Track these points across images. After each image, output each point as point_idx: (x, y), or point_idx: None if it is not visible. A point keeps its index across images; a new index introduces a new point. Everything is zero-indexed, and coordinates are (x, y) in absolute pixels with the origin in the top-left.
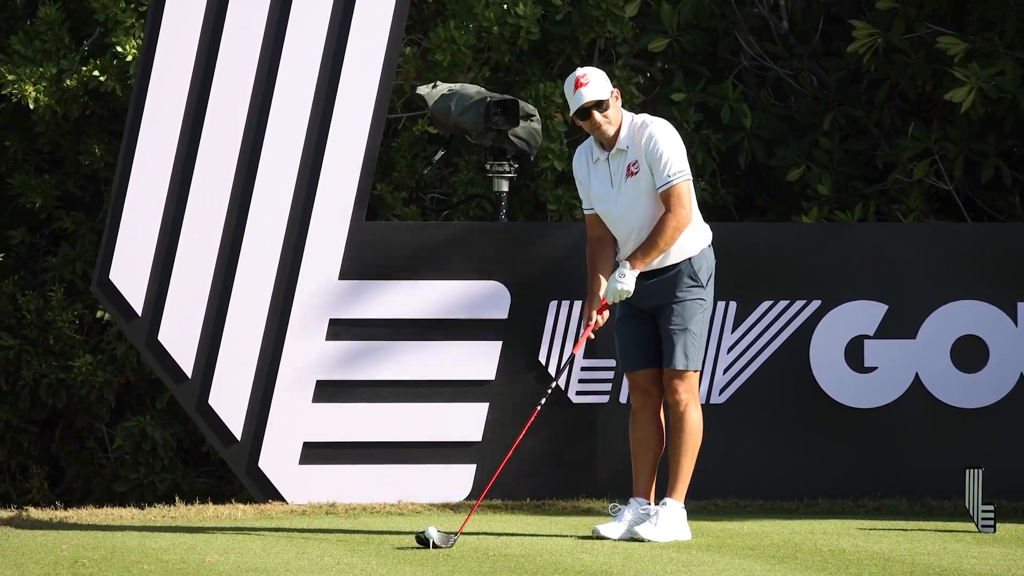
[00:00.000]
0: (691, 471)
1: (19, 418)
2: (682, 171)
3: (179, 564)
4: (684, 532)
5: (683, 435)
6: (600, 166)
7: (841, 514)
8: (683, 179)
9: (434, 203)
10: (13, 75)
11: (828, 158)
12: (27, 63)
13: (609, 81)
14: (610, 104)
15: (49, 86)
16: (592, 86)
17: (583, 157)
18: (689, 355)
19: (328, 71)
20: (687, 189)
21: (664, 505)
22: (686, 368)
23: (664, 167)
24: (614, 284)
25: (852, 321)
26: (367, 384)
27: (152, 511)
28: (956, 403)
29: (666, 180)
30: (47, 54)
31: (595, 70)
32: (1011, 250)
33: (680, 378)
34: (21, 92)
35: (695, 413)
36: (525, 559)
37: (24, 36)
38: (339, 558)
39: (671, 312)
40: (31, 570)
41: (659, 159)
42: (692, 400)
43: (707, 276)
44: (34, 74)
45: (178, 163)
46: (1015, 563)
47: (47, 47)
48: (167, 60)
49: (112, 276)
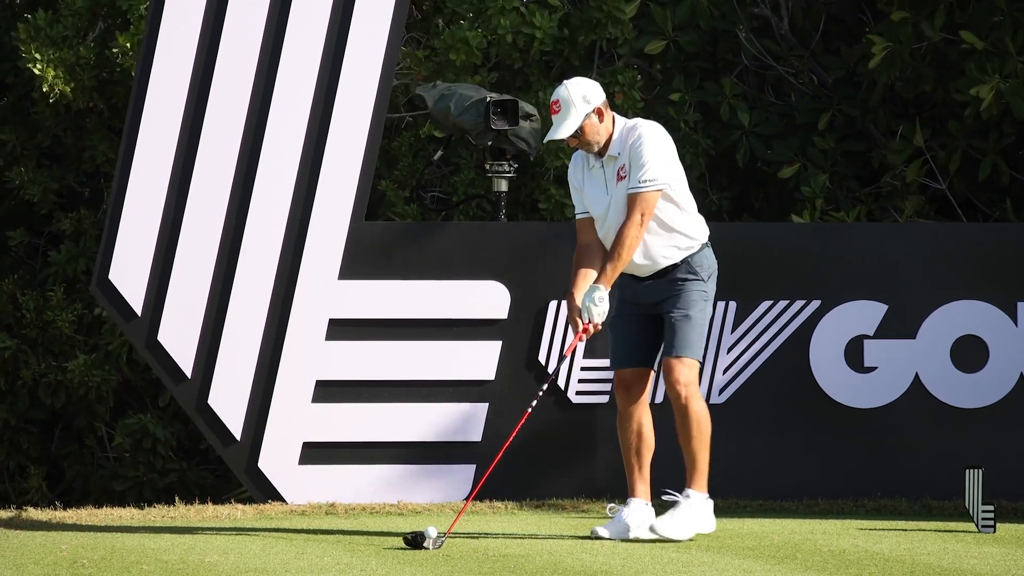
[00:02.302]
0: (707, 459)
1: (18, 418)
2: (656, 179)
3: (178, 564)
4: (708, 523)
5: (690, 426)
6: (595, 172)
7: (841, 514)
8: (653, 188)
9: (434, 201)
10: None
11: (823, 157)
12: (50, 44)
13: (595, 92)
14: (586, 127)
15: (66, 72)
16: (561, 123)
17: (579, 163)
18: (689, 342)
19: (328, 70)
20: (654, 198)
21: (687, 497)
22: (685, 355)
23: (641, 171)
24: (591, 308)
25: (852, 321)
26: (367, 384)
27: (152, 511)
28: (956, 403)
29: (636, 185)
30: (65, 40)
31: (576, 88)
32: (1011, 250)
33: (678, 364)
34: (43, 73)
35: (697, 402)
36: (525, 559)
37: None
38: (338, 558)
39: (673, 301)
40: (30, 570)
41: (639, 162)
42: (693, 389)
43: (708, 273)
44: (55, 58)
45: (178, 162)
46: (1015, 563)
47: (67, 32)
48: (167, 59)
49: (112, 276)
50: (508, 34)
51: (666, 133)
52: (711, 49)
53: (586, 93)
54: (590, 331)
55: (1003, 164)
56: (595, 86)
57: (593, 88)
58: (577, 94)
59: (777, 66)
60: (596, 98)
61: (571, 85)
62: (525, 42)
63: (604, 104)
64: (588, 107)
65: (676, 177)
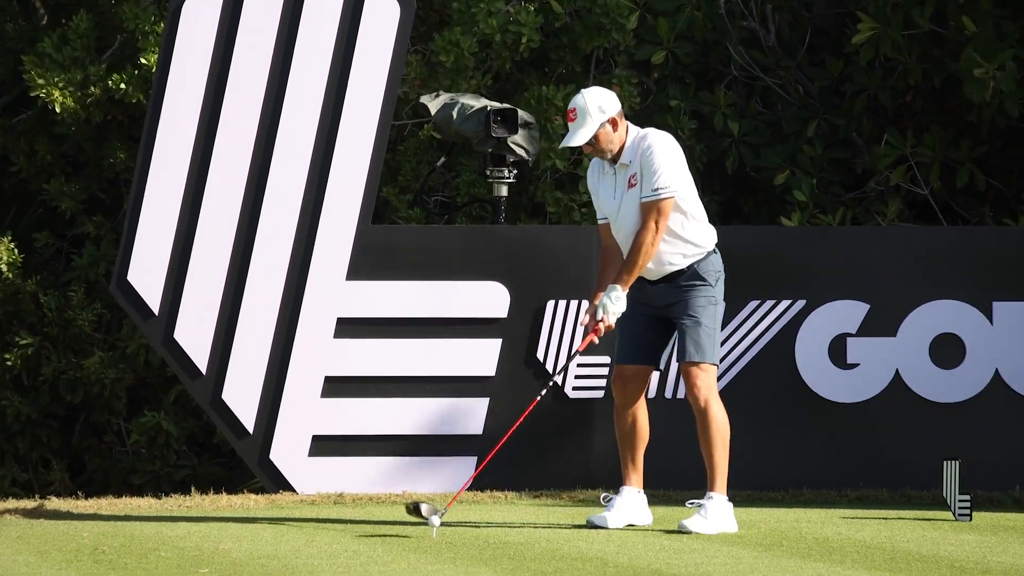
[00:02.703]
0: (726, 462)
1: (39, 412)
2: (667, 187)
3: (194, 551)
4: (731, 524)
5: (710, 430)
6: (608, 179)
7: (825, 504)
8: (666, 195)
9: (437, 206)
10: (43, 79)
11: (811, 164)
12: (56, 68)
13: (611, 102)
14: (600, 136)
15: (75, 91)
16: (577, 130)
17: (596, 170)
18: (702, 347)
19: (336, 81)
20: (668, 206)
21: (710, 499)
22: (701, 360)
23: (652, 179)
24: (608, 307)
25: (835, 320)
26: (373, 380)
27: (168, 501)
28: (934, 398)
29: (650, 193)
30: (75, 61)
31: (592, 98)
32: (987, 252)
33: (696, 371)
34: (49, 96)
35: (716, 407)
36: (524, 546)
37: (55, 41)
38: (347, 545)
39: (682, 308)
40: (54, 557)
41: (650, 170)
42: (712, 394)
43: (715, 278)
44: (62, 79)
45: (193, 170)
46: (990, 550)
47: (76, 54)
48: (182, 71)
49: (130, 277)
50: (496, 34)
51: (676, 143)
52: (703, 60)
53: (602, 103)
54: (601, 331)
55: (978, 172)
56: (611, 96)
57: (609, 98)
58: (593, 104)
59: (765, 77)
60: (611, 108)
61: (588, 95)
62: (513, 40)
63: (619, 114)
64: (603, 116)
65: (685, 185)
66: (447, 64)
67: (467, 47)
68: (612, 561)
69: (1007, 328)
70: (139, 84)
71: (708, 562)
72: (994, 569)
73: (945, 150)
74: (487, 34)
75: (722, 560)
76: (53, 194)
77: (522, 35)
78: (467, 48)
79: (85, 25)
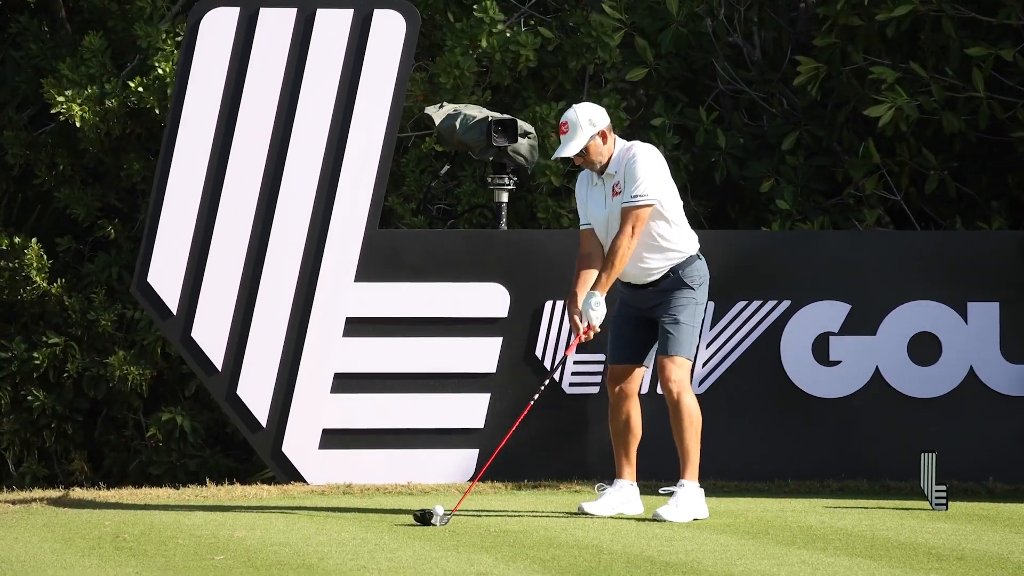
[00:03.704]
0: (698, 450)
1: (64, 407)
2: (646, 195)
3: (210, 539)
4: (702, 510)
5: (682, 420)
6: (597, 189)
7: (808, 494)
8: (643, 203)
9: (440, 213)
10: (62, 96)
11: (794, 173)
12: (74, 86)
13: (600, 116)
14: (591, 148)
15: (93, 106)
16: (568, 142)
17: (584, 180)
18: (678, 342)
19: (345, 93)
20: (645, 213)
21: (682, 486)
22: (675, 354)
23: (633, 187)
24: (589, 312)
25: (818, 319)
26: (380, 376)
27: (185, 491)
28: (912, 393)
29: (629, 199)
30: (91, 78)
31: (583, 112)
32: (962, 256)
33: (670, 364)
34: (69, 112)
35: (688, 398)
36: (523, 534)
37: (71, 63)
38: (355, 533)
39: (664, 308)
40: (77, 544)
41: (632, 178)
42: (684, 386)
43: (698, 282)
44: (80, 95)
45: (209, 178)
46: (965, 537)
47: (92, 71)
48: (199, 84)
49: (150, 279)
50: (497, 52)
51: (659, 154)
52: (690, 75)
53: (592, 117)
54: (590, 335)
55: (950, 180)
56: (600, 111)
57: (599, 113)
58: (584, 117)
59: (750, 91)
60: (601, 122)
61: (579, 109)
62: (512, 59)
63: (608, 128)
64: (593, 129)
65: (666, 194)
66: (447, 85)
67: (467, 67)
68: (607, 548)
69: (981, 327)
70: (154, 90)
71: (698, 549)
72: (969, 556)
73: (914, 157)
74: (487, 52)
75: (711, 547)
76: (66, 200)
77: (521, 54)
78: (467, 68)
79: (98, 44)
